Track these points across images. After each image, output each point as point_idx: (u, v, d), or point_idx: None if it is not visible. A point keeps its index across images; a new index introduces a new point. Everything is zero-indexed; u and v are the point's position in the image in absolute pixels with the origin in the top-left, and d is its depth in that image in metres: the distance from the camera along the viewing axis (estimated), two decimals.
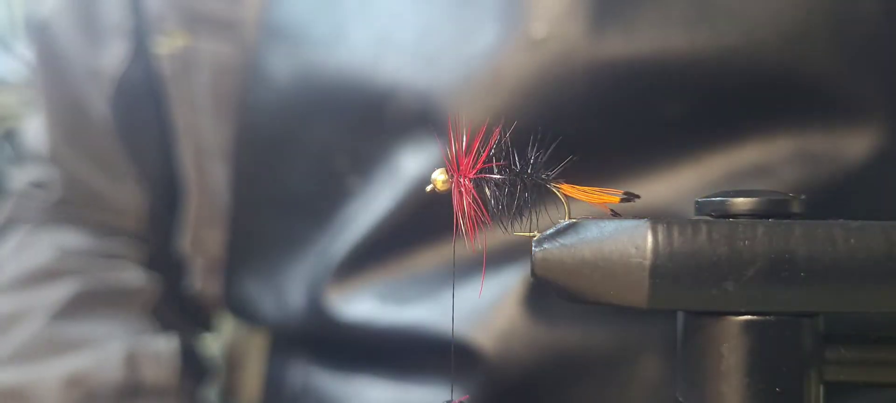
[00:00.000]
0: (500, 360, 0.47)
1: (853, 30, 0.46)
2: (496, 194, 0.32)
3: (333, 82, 0.53)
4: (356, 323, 0.52)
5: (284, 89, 0.55)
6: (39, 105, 0.65)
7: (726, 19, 0.45)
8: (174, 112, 0.61)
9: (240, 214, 0.60)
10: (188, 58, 0.60)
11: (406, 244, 0.51)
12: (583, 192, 0.32)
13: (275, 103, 0.56)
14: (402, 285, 0.51)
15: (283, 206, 0.58)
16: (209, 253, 0.63)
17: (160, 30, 0.60)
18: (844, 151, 0.46)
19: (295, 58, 0.55)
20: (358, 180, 0.53)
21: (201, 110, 0.60)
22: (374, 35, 0.52)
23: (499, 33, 0.48)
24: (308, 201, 0.56)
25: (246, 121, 0.58)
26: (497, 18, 0.48)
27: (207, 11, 0.59)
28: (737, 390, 0.29)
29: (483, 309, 0.48)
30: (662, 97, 0.46)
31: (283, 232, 0.58)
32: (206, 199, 0.62)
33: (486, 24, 0.48)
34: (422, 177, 0.49)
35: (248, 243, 0.60)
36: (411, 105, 0.50)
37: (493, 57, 0.47)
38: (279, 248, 0.58)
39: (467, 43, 0.49)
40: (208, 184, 0.62)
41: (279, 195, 0.58)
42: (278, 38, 0.56)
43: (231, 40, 0.58)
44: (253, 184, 0.59)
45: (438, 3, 0.50)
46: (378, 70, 0.51)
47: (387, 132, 0.51)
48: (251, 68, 0.57)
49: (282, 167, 0.57)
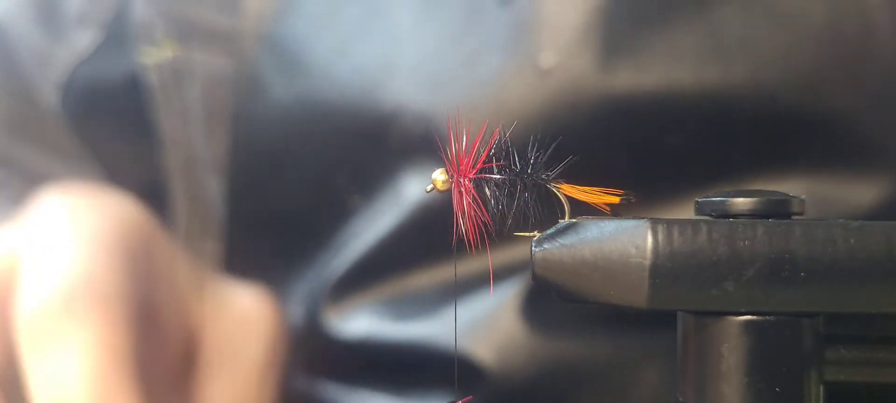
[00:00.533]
0: (501, 373, 0.47)
1: (866, 70, 0.45)
2: (496, 194, 0.32)
3: (334, 101, 0.52)
4: (355, 339, 0.52)
5: (284, 105, 0.55)
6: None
7: (736, 56, 0.45)
8: (162, 121, 0.61)
9: (235, 228, 0.60)
10: (179, 68, 0.59)
11: (405, 263, 0.51)
12: (583, 192, 0.32)
13: (273, 119, 0.55)
14: (401, 303, 0.51)
15: (280, 222, 0.57)
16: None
17: (148, 39, 0.59)
18: (855, 194, 0.45)
19: (295, 74, 0.54)
20: (358, 199, 0.53)
21: (193, 121, 0.59)
22: (377, 56, 0.52)
23: (505, 61, 0.47)
24: (307, 218, 0.56)
25: (242, 135, 0.57)
26: (504, 46, 0.48)
27: (202, 22, 0.58)
28: (737, 390, 0.29)
29: (482, 322, 0.48)
30: (670, 132, 0.46)
31: (281, 247, 0.57)
32: (197, 211, 0.61)
33: (492, 51, 0.48)
34: (423, 200, 0.49)
35: (243, 257, 0.60)
36: (414, 128, 0.50)
37: (498, 84, 0.47)
38: (276, 264, 0.57)
39: (473, 68, 0.48)
40: (200, 195, 0.61)
41: (277, 210, 0.57)
42: (278, 53, 0.55)
43: (227, 53, 0.58)
44: (249, 199, 0.59)
45: (444, 27, 0.50)
46: (380, 91, 0.50)
47: (388, 153, 0.51)
48: (249, 82, 0.56)
49: (280, 183, 0.57)
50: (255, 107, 0.56)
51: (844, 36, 0.44)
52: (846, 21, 0.44)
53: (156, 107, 0.60)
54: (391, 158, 0.50)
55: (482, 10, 0.49)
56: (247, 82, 0.56)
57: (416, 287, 0.51)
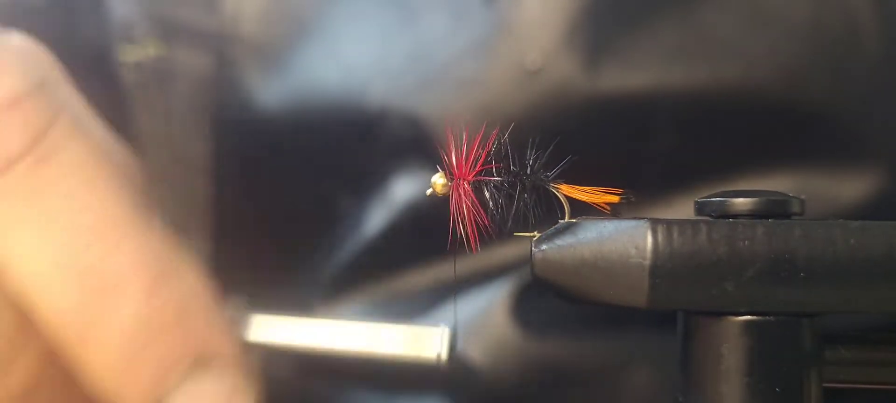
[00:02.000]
0: (492, 373, 0.47)
1: (854, 68, 0.45)
2: (495, 196, 0.32)
3: (321, 103, 0.53)
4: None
5: (271, 107, 0.55)
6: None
7: (724, 55, 0.45)
8: (141, 120, 0.60)
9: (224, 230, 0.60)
10: (161, 68, 0.59)
11: (396, 264, 0.51)
12: (582, 192, 0.32)
13: (260, 121, 0.55)
14: (393, 303, 0.51)
15: (270, 224, 0.57)
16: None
17: (127, 37, 0.59)
18: (844, 191, 0.45)
19: (282, 75, 0.54)
20: (348, 201, 0.53)
21: (177, 122, 0.59)
22: (364, 58, 0.52)
23: (492, 63, 0.48)
24: (296, 220, 0.56)
25: (229, 137, 0.57)
26: (491, 48, 0.48)
27: (186, 22, 0.58)
28: (737, 390, 0.29)
29: (474, 322, 0.48)
30: (659, 132, 0.46)
31: (269, 250, 0.57)
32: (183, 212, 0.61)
33: (479, 54, 0.48)
34: (413, 201, 0.49)
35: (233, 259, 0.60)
36: (401, 129, 0.50)
37: (486, 86, 0.47)
38: (265, 266, 0.57)
39: (460, 70, 0.48)
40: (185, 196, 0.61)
41: (267, 212, 0.57)
42: (265, 54, 0.55)
43: (212, 53, 0.57)
44: (239, 201, 0.59)
45: (430, 29, 0.50)
46: (368, 93, 0.51)
47: (377, 155, 0.51)
48: (234, 83, 0.56)
49: (270, 184, 0.56)
50: (242, 109, 0.56)
51: (830, 34, 0.44)
52: (831, 19, 0.44)
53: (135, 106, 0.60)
54: (380, 159, 0.51)
55: (468, 10, 0.49)
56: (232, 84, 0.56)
57: (408, 287, 0.51)
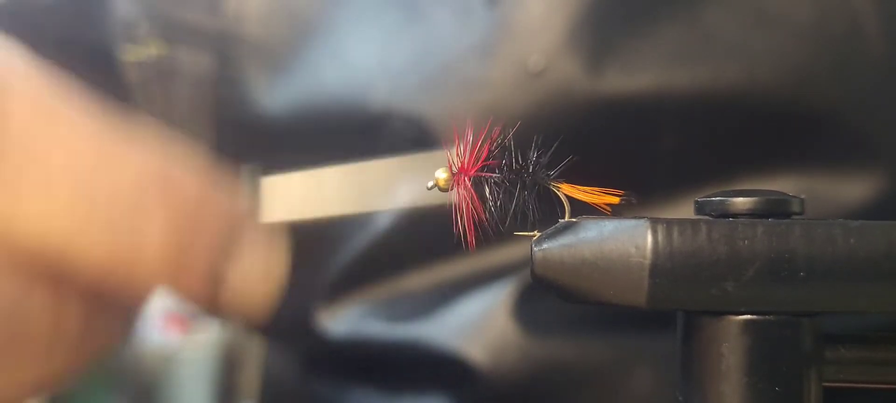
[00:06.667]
0: (493, 373, 0.47)
1: (857, 69, 0.45)
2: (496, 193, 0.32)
3: (324, 103, 0.52)
4: (348, 340, 0.52)
5: (273, 107, 0.55)
6: None
7: (727, 56, 0.45)
8: (143, 119, 0.60)
9: None
10: (164, 67, 0.58)
11: (398, 264, 0.51)
12: (583, 192, 0.32)
13: (263, 120, 0.55)
14: (395, 303, 0.51)
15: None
16: None
17: (130, 37, 0.59)
18: (847, 192, 0.45)
19: (285, 76, 0.54)
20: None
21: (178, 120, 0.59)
22: (367, 59, 0.52)
23: (495, 64, 0.47)
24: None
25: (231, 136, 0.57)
26: (494, 49, 0.48)
27: (188, 22, 0.58)
28: (737, 390, 0.29)
29: (475, 322, 0.48)
30: (662, 133, 0.46)
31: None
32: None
33: (482, 55, 0.48)
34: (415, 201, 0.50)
35: None
36: (404, 130, 0.50)
37: (489, 87, 0.47)
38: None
39: (463, 71, 0.48)
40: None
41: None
42: (267, 54, 0.55)
43: (214, 53, 0.57)
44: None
45: (434, 30, 0.50)
46: (371, 94, 0.50)
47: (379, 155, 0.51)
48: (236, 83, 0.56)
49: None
50: (244, 109, 0.56)
51: (833, 35, 0.44)
52: (834, 20, 0.44)
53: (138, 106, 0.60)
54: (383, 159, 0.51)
55: (471, 12, 0.49)
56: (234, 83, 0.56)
57: (410, 287, 0.51)
